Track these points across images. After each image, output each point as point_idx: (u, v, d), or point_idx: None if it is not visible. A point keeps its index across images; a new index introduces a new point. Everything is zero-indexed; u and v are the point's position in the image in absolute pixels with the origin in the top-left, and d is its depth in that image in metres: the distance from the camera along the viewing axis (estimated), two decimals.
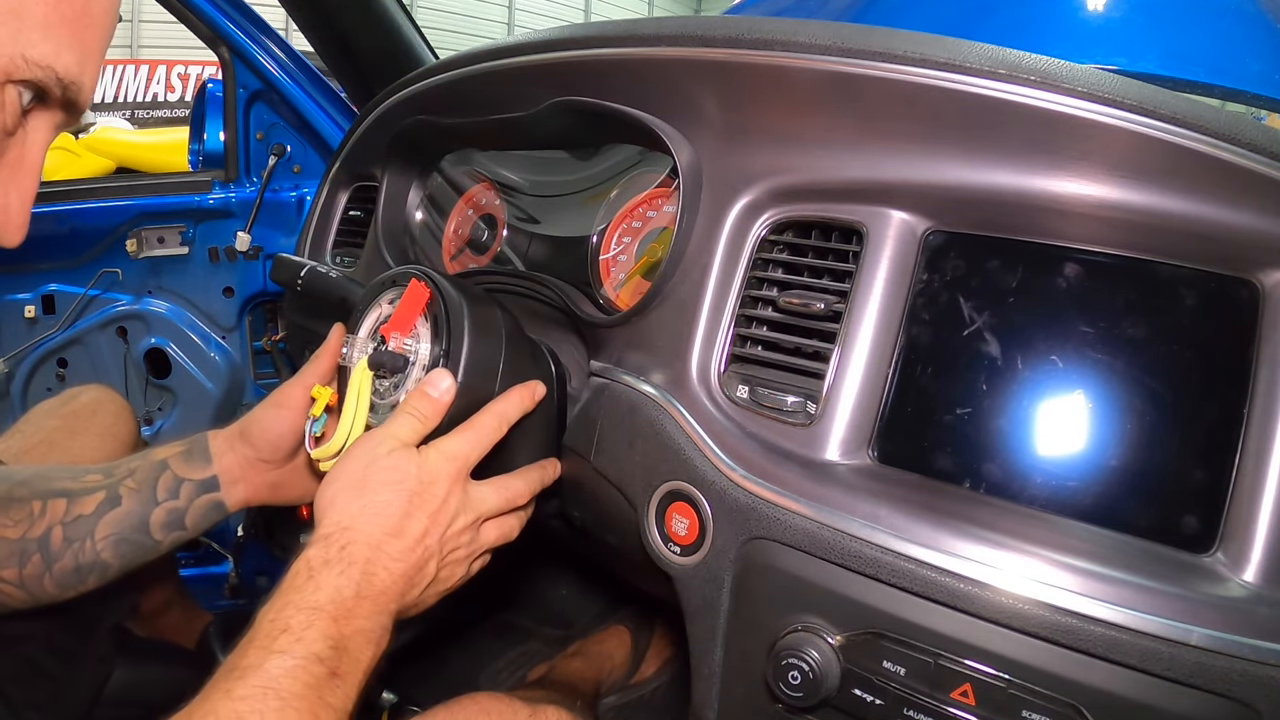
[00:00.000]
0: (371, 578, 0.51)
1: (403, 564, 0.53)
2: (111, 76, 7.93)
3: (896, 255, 0.55)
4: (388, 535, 0.53)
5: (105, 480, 0.66)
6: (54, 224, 1.40)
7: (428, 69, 0.85)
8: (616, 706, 1.13)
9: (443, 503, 0.55)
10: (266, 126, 1.45)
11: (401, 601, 0.54)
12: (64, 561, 0.64)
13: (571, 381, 0.71)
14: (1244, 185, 0.45)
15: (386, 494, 0.53)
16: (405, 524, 0.53)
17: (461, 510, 0.57)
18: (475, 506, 0.58)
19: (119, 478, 0.66)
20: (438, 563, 0.56)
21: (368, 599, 0.50)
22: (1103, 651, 0.41)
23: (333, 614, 0.48)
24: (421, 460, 0.55)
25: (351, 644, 0.48)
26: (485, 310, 0.64)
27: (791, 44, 0.56)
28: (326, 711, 0.44)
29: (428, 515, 0.54)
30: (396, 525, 0.53)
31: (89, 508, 0.64)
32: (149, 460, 0.67)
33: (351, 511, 0.52)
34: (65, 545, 0.63)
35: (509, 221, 0.85)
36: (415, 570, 0.54)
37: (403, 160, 0.92)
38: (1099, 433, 0.48)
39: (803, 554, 0.50)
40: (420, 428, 0.57)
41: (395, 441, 0.55)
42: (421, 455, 0.56)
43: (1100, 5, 1.00)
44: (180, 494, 0.67)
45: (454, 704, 0.69)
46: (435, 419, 0.57)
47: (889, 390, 0.54)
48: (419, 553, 0.54)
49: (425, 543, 0.54)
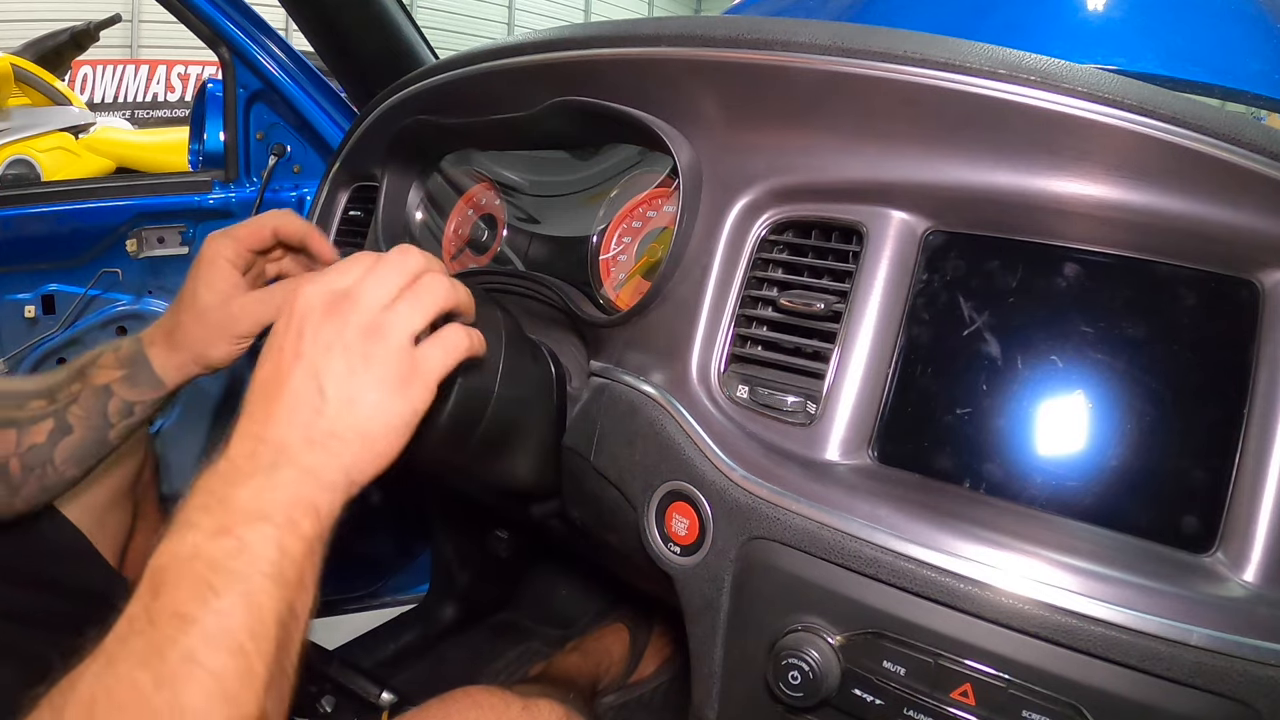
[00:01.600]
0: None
1: (261, 395, 0.44)
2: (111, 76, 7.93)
3: (896, 255, 0.55)
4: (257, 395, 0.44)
5: (50, 407, 0.66)
6: (54, 224, 1.39)
7: (428, 69, 0.85)
8: (616, 706, 1.13)
9: (294, 318, 0.45)
10: (266, 126, 1.45)
11: (290, 433, 0.43)
12: (29, 487, 0.65)
13: (571, 381, 0.71)
14: (1244, 185, 0.45)
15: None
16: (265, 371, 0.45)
17: (332, 315, 0.45)
18: (356, 307, 0.45)
19: (63, 404, 0.66)
20: (318, 372, 0.44)
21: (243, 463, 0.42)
22: (1103, 651, 0.41)
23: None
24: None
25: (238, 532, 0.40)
26: (485, 310, 0.64)
27: (791, 44, 0.56)
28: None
29: (279, 340, 0.45)
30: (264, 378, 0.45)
31: (40, 437, 0.64)
32: (90, 386, 0.66)
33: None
34: (25, 473, 0.64)
35: (509, 221, 0.85)
36: (276, 387, 0.44)
37: (403, 160, 0.92)
38: (1099, 433, 0.48)
39: (803, 554, 0.50)
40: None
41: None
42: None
43: (1100, 5, 1.00)
44: (135, 412, 0.67)
45: (447, 698, 0.69)
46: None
47: (889, 390, 0.54)
48: (277, 370, 0.44)
49: (281, 360, 0.44)
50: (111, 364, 0.67)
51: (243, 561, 0.38)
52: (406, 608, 1.32)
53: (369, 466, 0.45)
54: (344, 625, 1.27)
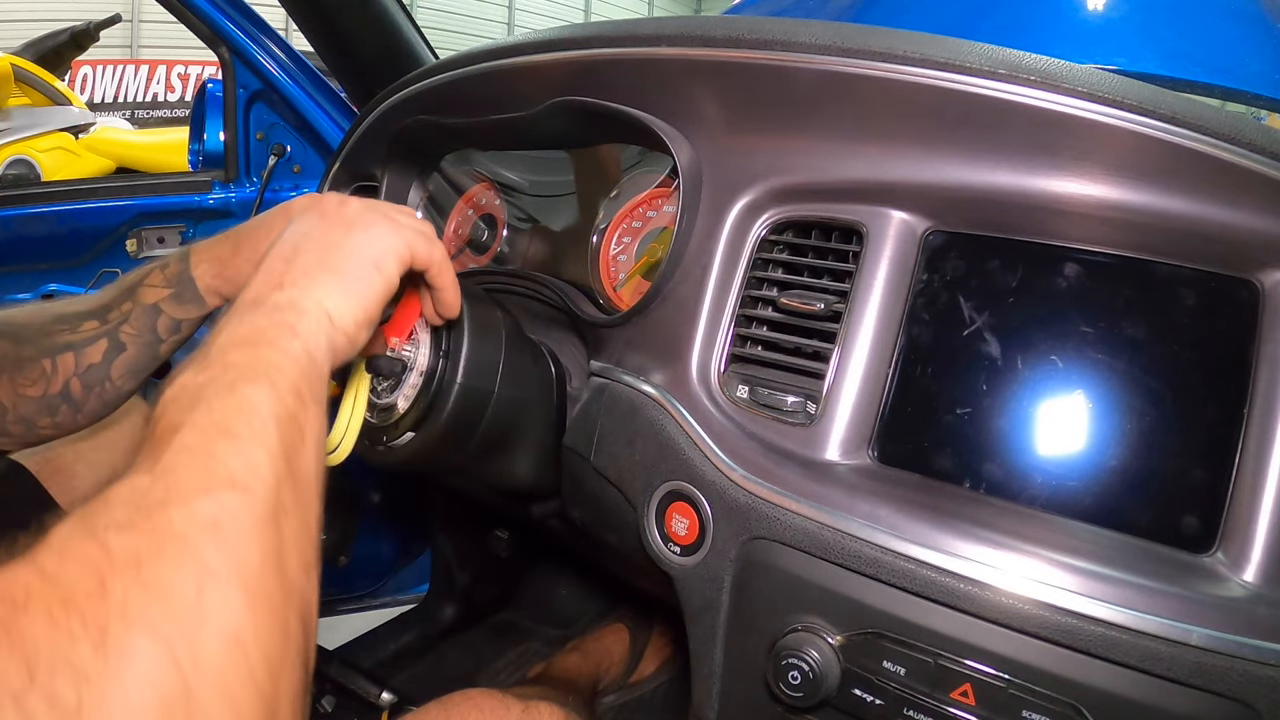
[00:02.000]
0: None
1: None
2: (111, 76, 7.93)
3: (896, 255, 0.55)
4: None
5: (103, 328, 0.69)
6: (54, 224, 1.39)
7: (428, 69, 0.85)
8: (616, 706, 1.13)
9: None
10: (266, 126, 1.45)
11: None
12: (90, 404, 0.68)
13: (571, 381, 0.71)
14: (1244, 185, 0.45)
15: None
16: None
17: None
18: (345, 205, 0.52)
19: (115, 324, 0.68)
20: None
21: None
22: (1103, 651, 0.41)
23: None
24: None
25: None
26: (485, 310, 0.64)
27: (792, 44, 0.56)
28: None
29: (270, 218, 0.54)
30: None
31: (97, 356, 0.67)
32: (140, 305, 0.69)
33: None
34: (86, 391, 0.67)
35: (509, 221, 0.85)
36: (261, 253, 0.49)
37: (403, 160, 0.92)
38: (1099, 433, 0.48)
39: (803, 554, 0.50)
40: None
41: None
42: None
43: (1100, 5, 1.00)
44: (182, 329, 0.70)
45: (447, 700, 0.69)
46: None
47: (889, 390, 0.54)
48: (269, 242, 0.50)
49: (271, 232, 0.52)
50: (159, 282, 0.69)
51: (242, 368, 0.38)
52: (406, 608, 1.32)
53: (341, 312, 0.45)
54: (344, 625, 1.27)
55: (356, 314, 0.45)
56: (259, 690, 0.29)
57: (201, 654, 0.28)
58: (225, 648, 0.29)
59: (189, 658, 0.27)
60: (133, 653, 0.26)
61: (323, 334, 0.42)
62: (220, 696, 0.28)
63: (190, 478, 0.32)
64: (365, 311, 0.46)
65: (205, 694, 0.27)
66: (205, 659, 0.28)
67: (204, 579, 0.29)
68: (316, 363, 0.41)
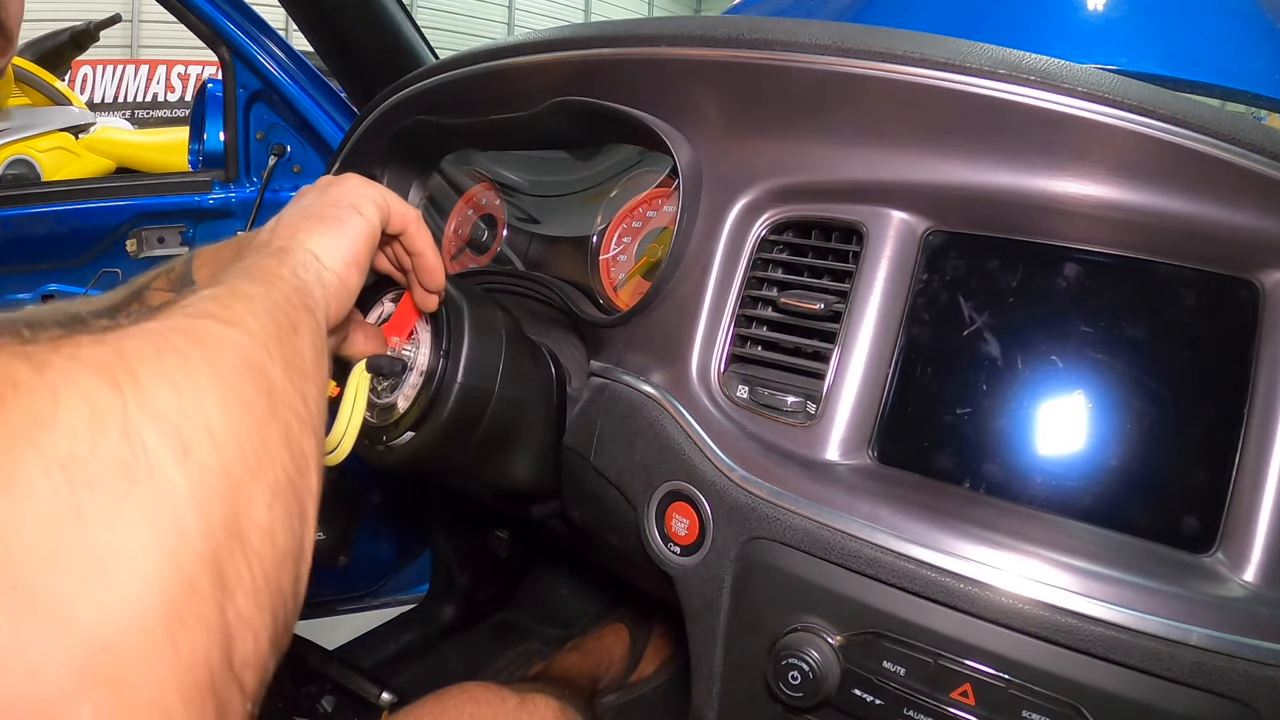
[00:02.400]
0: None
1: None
2: (111, 76, 7.93)
3: (896, 255, 0.55)
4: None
5: (114, 326, 0.68)
6: (54, 224, 1.39)
7: (428, 69, 0.85)
8: (616, 706, 1.13)
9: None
10: (266, 126, 1.45)
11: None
12: None
13: (571, 381, 0.71)
14: (1244, 185, 0.45)
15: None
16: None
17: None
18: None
19: (125, 324, 0.68)
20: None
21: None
22: (1103, 651, 0.41)
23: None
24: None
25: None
26: (485, 310, 0.64)
27: (792, 44, 0.56)
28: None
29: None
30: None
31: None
32: (146, 307, 0.66)
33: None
34: None
35: (509, 221, 0.85)
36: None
37: (403, 160, 0.92)
38: (1099, 433, 0.48)
39: (803, 554, 0.50)
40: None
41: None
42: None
43: (1100, 5, 1.00)
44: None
45: (443, 694, 0.70)
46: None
47: (889, 390, 0.54)
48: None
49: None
50: (164, 285, 0.69)
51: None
52: (406, 608, 1.32)
53: (327, 250, 0.45)
54: (344, 625, 1.27)
55: (344, 253, 0.45)
56: (229, 460, 0.25)
57: (150, 395, 0.24)
58: (179, 402, 0.25)
59: (134, 391, 0.24)
60: (69, 374, 0.23)
61: (311, 269, 0.42)
62: (169, 433, 0.24)
63: (174, 314, 0.30)
64: (352, 251, 0.46)
65: (145, 425, 0.23)
66: (155, 399, 0.24)
67: (166, 353, 0.27)
68: (308, 287, 0.40)
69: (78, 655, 0.19)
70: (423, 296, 0.59)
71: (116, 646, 0.20)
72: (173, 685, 0.21)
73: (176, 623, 0.21)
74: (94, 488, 0.21)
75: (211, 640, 0.23)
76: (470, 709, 0.69)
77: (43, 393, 0.22)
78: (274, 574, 0.26)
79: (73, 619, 0.19)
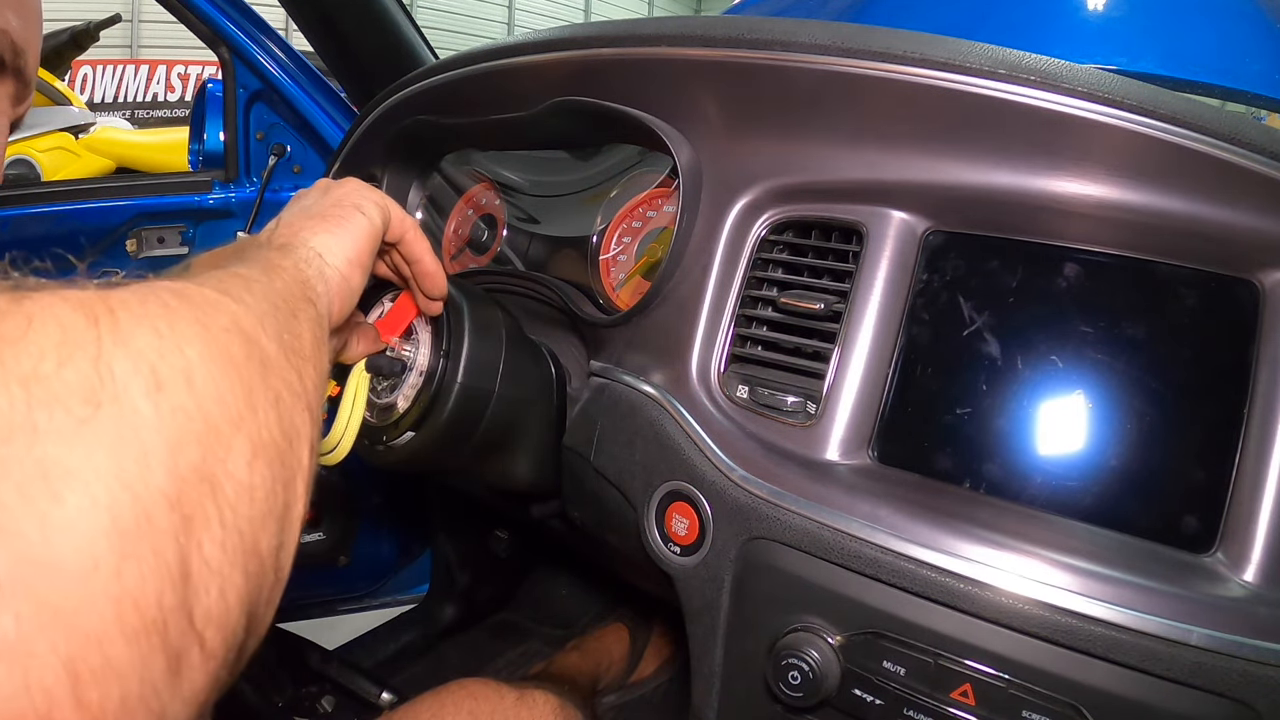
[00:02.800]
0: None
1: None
2: (111, 76, 7.94)
3: (896, 255, 0.55)
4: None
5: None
6: (54, 224, 1.39)
7: (428, 69, 0.85)
8: (616, 705, 1.13)
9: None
10: (266, 126, 1.44)
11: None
12: None
13: (571, 382, 0.71)
14: (1244, 185, 0.45)
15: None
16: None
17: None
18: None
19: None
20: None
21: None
22: (1103, 651, 0.41)
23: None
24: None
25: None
26: (485, 310, 0.64)
27: (791, 44, 0.56)
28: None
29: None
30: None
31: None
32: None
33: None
34: None
35: (509, 221, 0.85)
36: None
37: (403, 160, 0.92)
38: (1099, 433, 0.48)
39: (803, 554, 0.50)
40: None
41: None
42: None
43: (1100, 5, 1.00)
44: None
45: (442, 690, 0.70)
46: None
47: (889, 390, 0.54)
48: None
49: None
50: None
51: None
52: (406, 608, 1.32)
53: (330, 248, 0.45)
54: (344, 625, 1.27)
55: (347, 251, 0.45)
56: (207, 406, 0.25)
57: (128, 333, 0.24)
58: (159, 345, 0.24)
59: (110, 327, 0.24)
60: (46, 304, 0.23)
61: (313, 265, 0.42)
62: (142, 368, 0.23)
63: (163, 283, 0.29)
64: (355, 249, 0.46)
65: (118, 358, 0.23)
66: (132, 338, 0.24)
67: (151, 301, 0.26)
68: (310, 281, 0.40)
69: (3, 563, 0.18)
70: (425, 303, 0.59)
71: (52, 563, 0.19)
72: (112, 615, 0.20)
73: (126, 552, 0.20)
74: (53, 407, 0.21)
75: (165, 580, 0.21)
76: (469, 705, 0.69)
77: (16, 316, 0.22)
78: (249, 531, 0.25)
79: (7, 529, 0.19)
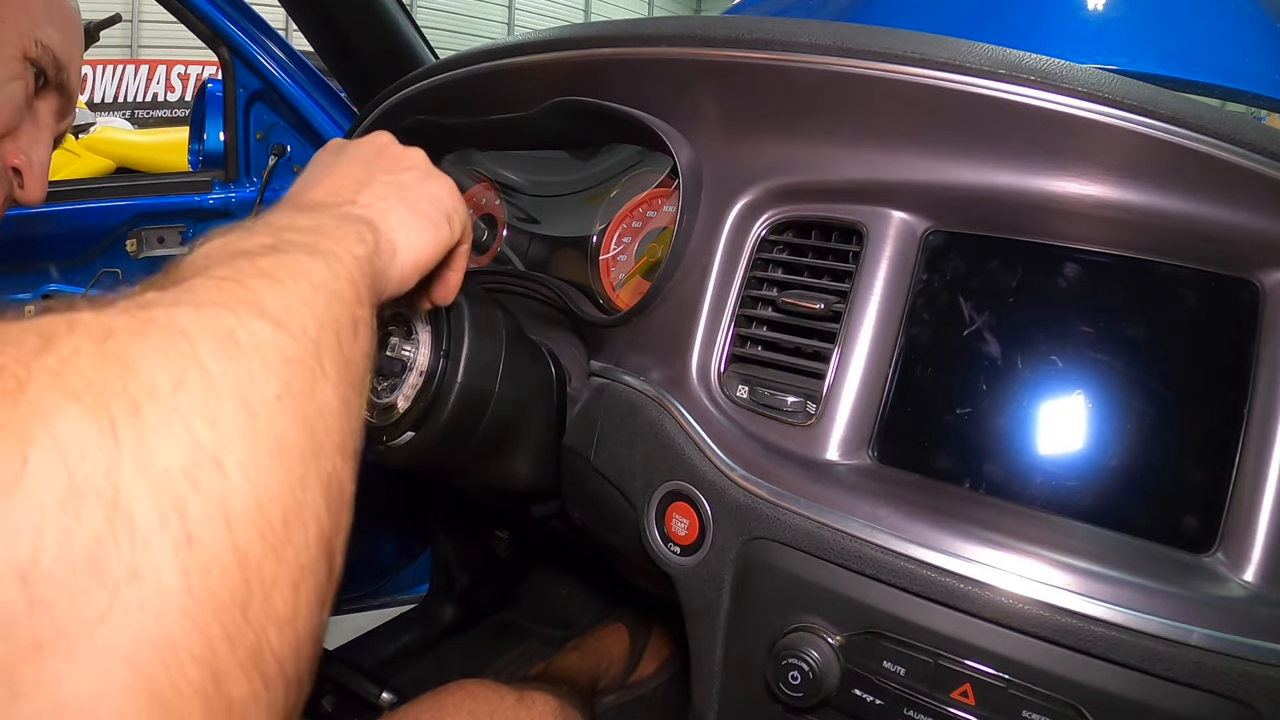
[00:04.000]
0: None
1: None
2: (111, 76, 7.94)
3: (896, 255, 0.55)
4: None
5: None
6: (54, 224, 1.39)
7: (428, 69, 0.85)
8: (616, 705, 1.13)
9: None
10: (266, 126, 1.45)
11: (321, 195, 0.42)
12: None
13: (571, 382, 0.71)
14: (1244, 185, 0.45)
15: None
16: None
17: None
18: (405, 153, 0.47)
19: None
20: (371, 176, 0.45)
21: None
22: (1103, 651, 0.41)
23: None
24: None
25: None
26: (485, 310, 0.64)
27: (791, 44, 0.56)
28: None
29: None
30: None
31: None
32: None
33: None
34: None
35: (509, 221, 0.85)
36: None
37: None
38: (1099, 433, 0.48)
39: (803, 554, 0.50)
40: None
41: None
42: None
43: (1100, 5, 1.00)
44: None
45: (442, 691, 0.70)
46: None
47: (889, 390, 0.54)
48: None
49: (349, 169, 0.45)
50: (164, 286, 0.68)
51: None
52: (406, 608, 1.32)
53: (408, 248, 0.41)
54: (344, 625, 1.27)
55: (420, 256, 0.41)
56: (247, 542, 0.20)
57: (155, 448, 0.19)
58: (194, 459, 0.20)
59: (133, 439, 0.19)
60: (49, 409, 0.19)
61: (385, 257, 0.38)
62: (169, 513, 0.19)
63: (213, 295, 0.25)
64: (427, 256, 0.42)
65: (140, 499, 0.19)
66: (160, 455, 0.19)
67: (189, 373, 0.21)
68: (374, 280, 0.35)
69: None
70: (436, 296, 0.56)
71: None
72: None
73: None
74: (55, 611, 0.17)
75: None
76: (468, 706, 0.69)
77: (9, 444, 0.18)
78: (291, 665, 0.21)
79: None
